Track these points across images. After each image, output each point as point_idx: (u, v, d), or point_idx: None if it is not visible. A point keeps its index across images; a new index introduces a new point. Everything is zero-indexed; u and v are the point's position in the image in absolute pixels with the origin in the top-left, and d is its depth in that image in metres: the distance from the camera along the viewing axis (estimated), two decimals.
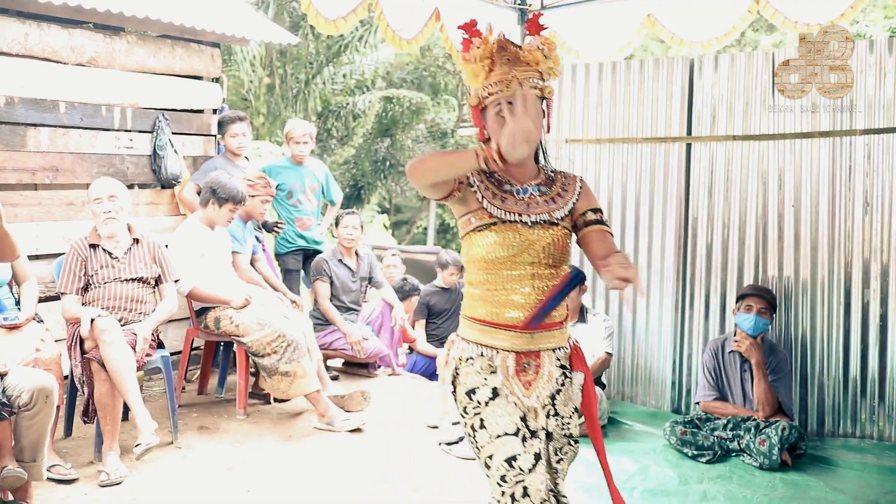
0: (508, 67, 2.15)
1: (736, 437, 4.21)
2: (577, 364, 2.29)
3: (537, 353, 2.24)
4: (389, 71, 17.80)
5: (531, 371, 2.23)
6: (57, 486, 3.62)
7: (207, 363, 5.15)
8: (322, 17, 3.94)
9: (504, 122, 2.12)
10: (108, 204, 4.09)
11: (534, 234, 2.20)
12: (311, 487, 3.75)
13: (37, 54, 4.66)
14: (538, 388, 2.23)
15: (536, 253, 2.19)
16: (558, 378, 2.26)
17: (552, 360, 2.25)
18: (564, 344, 2.29)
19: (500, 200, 2.22)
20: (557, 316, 2.24)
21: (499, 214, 2.20)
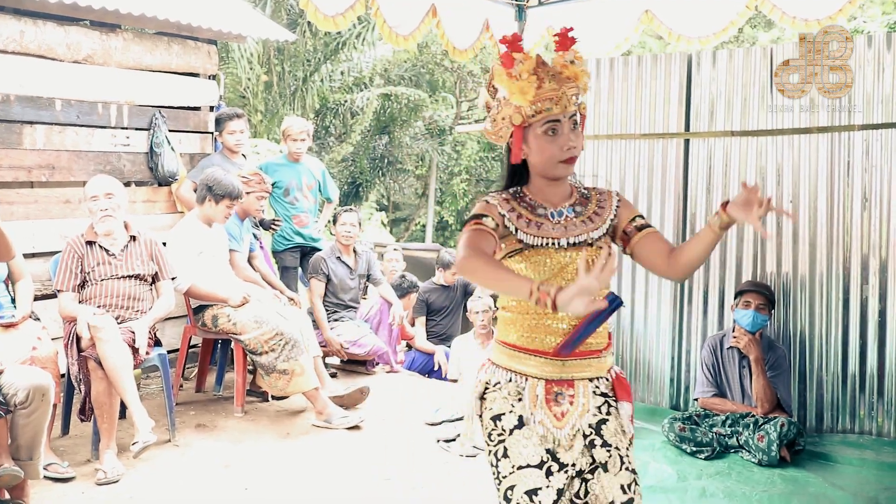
0: (558, 84, 2.05)
1: (734, 434, 4.20)
2: (621, 394, 2.14)
3: (571, 383, 2.12)
4: (387, 68, 17.78)
5: (565, 402, 2.11)
6: (54, 485, 3.62)
7: (205, 361, 5.15)
8: (321, 13, 3.94)
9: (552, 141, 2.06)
10: (104, 201, 4.09)
11: (567, 256, 2.11)
12: (309, 485, 3.75)
13: (32, 52, 4.64)
14: (572, 419, 2.10)
15: (570, 276, 2.09)
16: (601, 407, 2.12)
17: (588, 391, 2.12)
18: (603, 374, 2.15)
19: (536, 227, 2.12)
20: (595, 344, 2.13)
21: (531, 241, 2.10)
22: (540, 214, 2.15)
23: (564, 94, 2.05)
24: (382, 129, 18.00)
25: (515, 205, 2.16)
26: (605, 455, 2.09)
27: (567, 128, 2.07)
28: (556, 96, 2.05)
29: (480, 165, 19.30)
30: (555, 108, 2.06)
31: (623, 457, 2.10)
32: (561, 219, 2.15)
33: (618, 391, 2.14)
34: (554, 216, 2.15)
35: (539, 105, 2.06)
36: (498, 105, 2.11)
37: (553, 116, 2.06)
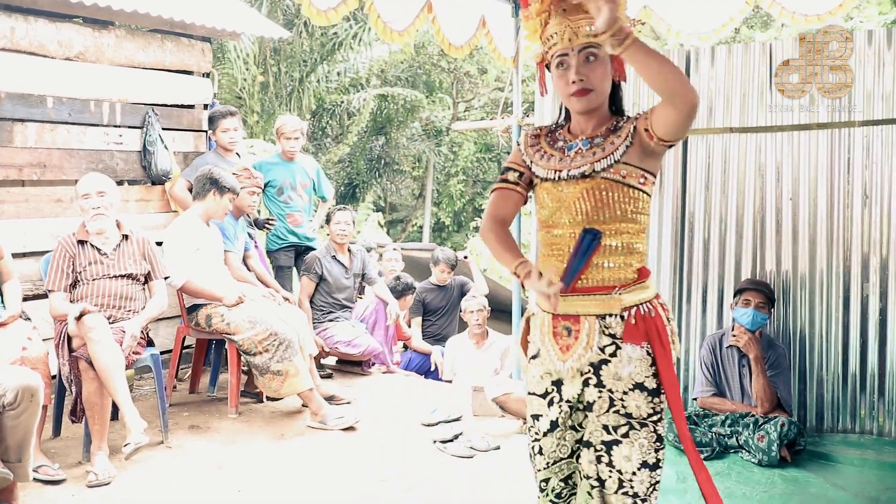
0: (562, 17, 2.04)
1: (734, 434, 4.16)
2: (632, 336, 2.06)
3: (577, 318, 2.11)
4: (384, 69, 17.77)
5: (571, 336, 2.11)
6: (44, 487, 3.57)
7: (199, 362, 5.10)
8: (314, 7, 3.87)
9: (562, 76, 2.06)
10: (96, 200, 4.04)
11: (567, 190, 2.09)
12: (304, 486, 3.70)
13: (23, 48, 4.59)
14: (575, 353, 2.10)
15: (572, 211, 2.08)
16: (605, 347, 2.08)
17: (594, 327, 2.09)
18: (615, 311, 2.08)
19: (546, 159, 2.15)
20: (605, 279, 2.08)
21: (539, 173, 2.15)
22: (557, 148, 2.16)
23: (569, 28, 2.03)
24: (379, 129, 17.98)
25: (543, 139, 2.21)
26: (595, 395, 2.10)
27: (576, 61, 2.04)
28: (560, 31, 2.04)
29: (477, 166, 19.29)
30: (560, 42, 2.05)
31: (616, 399, 2.08)
32: (571, 152, 2.12)
33: (626, 332, 2.07)
34: (568, 150, 2.14)
35: (548, 41, 2.08)
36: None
37: (560, 51, 2.05)
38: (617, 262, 2.08)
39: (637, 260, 2.11)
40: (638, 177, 2.06)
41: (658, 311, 2.10)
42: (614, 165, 2.05)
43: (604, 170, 2.05)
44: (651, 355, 2.07)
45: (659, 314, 2.10)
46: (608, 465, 2.13)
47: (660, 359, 2.07)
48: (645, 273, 2.12)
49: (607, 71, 2.06)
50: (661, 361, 2.07)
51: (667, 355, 2.08)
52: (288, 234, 5.80)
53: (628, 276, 2.09)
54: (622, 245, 2.09)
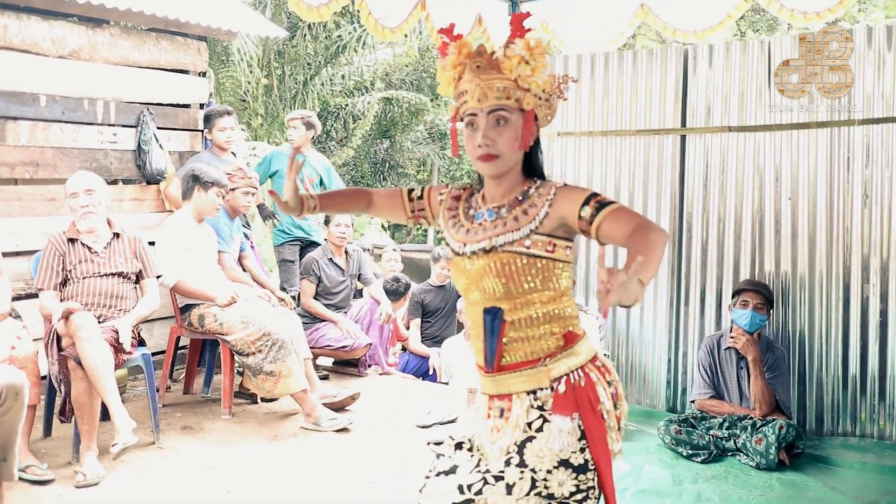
0: (473, 75, 1.91)
1: (732, 437, 4.10)
2: (560, 407, 1.90)
3: (510, 396, 1.96)
4: (388, 72, 17.71)
5: (503, 417, 1.96)
6: (31, 487, 3.53)
7: (193, 362, 5.07)
8: (304, 3, 3.83)
9: (470, 136, 1.92)
10: (85, 198, 4.01)
11: (473, 266, 1.95)
12: (296, 488, 3.66)
13: (16, 46, 4.57)
14: (504, 434, 1.93)
15: (481, 287, 1.95)
16: (532, 423, 1.91)
17: (524, 404, 1.93)
18: (544, 384, 1.92)
19: (457, 230, 2.02)
20: (531, 353, 1.93)
21: (452, 246, 2.02)
22: (469, 216, 2.03)
23: (480, 87, 1.90)
24: (384, 133, 17.94)
25: (462, 203, 2.07)
26: (515, 476, 1.87)
27: (485, 123, 1.90)
28: (471, 88, 1.91)
29: None
30: (470, 100, 1.92)
31: (538, 480, 1.86)
32: (480, 221, 2.00)
33: (555, 404, 1.90)
34: (476, 219, 2.01)
35: (460, 97, 1.95)
36: None
37: (470, 109, 1.92)
38: (537, 333, 1.93)
39: (560, 326, 1.94)
40: (545, 245, 1.90)
41: (591, 376, 1.93)
42: (522, 239, 1.90)
43: (503, 245, 1.91)
44: (581, 429, 1.88)
45: (591, 381, 1.92)
46: None
47: (589, 431, 1.88)
48: (572, 337, 1.95)
49: (518, 135, 1.92)
50: (592, 434, 1.88)
51: (599, 427, 1.89)
52: (293, 228, 5.81)
53: (553, 345, 1.93)
54: (539, 315, 1.93)
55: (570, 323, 1.96)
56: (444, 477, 1.96)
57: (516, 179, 1.98)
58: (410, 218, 2.19)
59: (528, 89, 1.89)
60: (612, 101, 4.95)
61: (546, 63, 1.90)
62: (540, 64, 1.88)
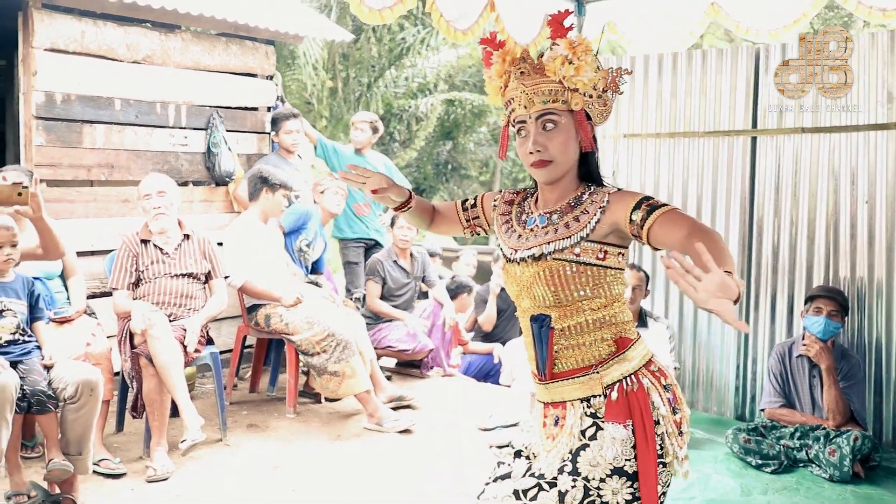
0: (518, 82, 1.89)
1: (804, 447, 3.98)
2: (614, 414, 1.87)
3: (564, 405, 1.94)
4: (451, 74, 17.75)
5: (558, 425, 1.94)
6: (104, 481, 3.63)
7: (259, 361, 5.15)
8: (366, 6, 3.85)
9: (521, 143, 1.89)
10: (157, 199, 4.11)
11: (523, 273, 1.92)
12: (358, 488, 3.69)
13: (93, 52, 4.71)
14: (559, 442, 1.91)
15: (531, 294, 1.92)
16: (586, 431, 1.88)
17: (577, 412, 1.91)
18: (597, 391, 1.89)
19: (509, 235, 2.00)
20: (584, 360, 1.91)
21: (504, 252, 2.00)
22: (522, 221, 2.00)
23: (525, 93, 1.88)
24: (446, 134, 17.99)
25: (516, 208, 2.05)
26: (568, 484, 1.84)
27: (534, 129, 1.88)
28: (517, 95, 1.89)
29: None
30: (517, 108, 1.90)
31: (591, 489, 1.83)
32: (531, 227, 1.97)
33: (608, 411, 1.87)
34: (528, 224, 1.98)
35: (508, 106, 1.93)
36: None
37: (518, 117, 1.90)
38: (588, 340, 1.90)
39: (612, 332, 1.91)
40: (596, 252, 1.87)
41: (643, 382, 1.89)
42: (573, 247, 1.87)
43: (553, 252, 1.88)
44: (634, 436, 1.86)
45: (643, 387, 1.88)
46: None
47: (639, 439, 1.85)
48: (624, 343, 1.91)
49: (570, 138, 1.89)
50: (639, 442, 1.84)
51: (647, 435, 1.85)
52: (355, 222, 5.86)
53: (605, 352, 1.91)
54: (590, 322, 1.90)
55: (623, 328, 1.93)
56: (501, 482, 1.95)
57: (570, 184, 1.95)
58: (467, 228, 2.18)
59: (575, 89, 1.87)
60: (680, 102, 4.87)
61: (592, 60, 1.85)
62: (584, 62, 1.85)
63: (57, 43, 4.54)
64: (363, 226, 5.91)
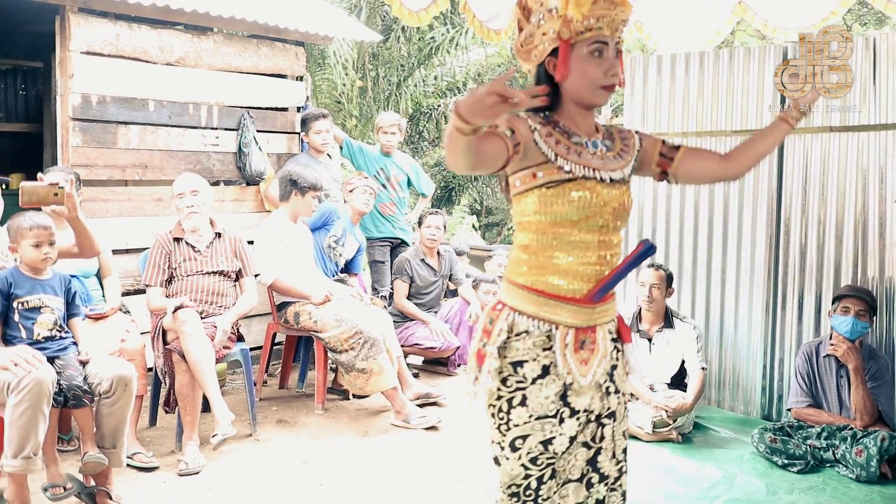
0: (610, 5, 1.93)
1: (830, 447, 3.97)
2: (625, 335, 2.11)
3: (594, 329, 2.01)
4: (480, 72, 17.75)
5: (587, 348, 1.99)
6: (138, 474, 3.72)
7: (289, 358, 5.22)
8: (406, 8, 3.95)
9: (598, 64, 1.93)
10: (190, 198, 4.19)
11: (609, 193, 1.97)
12: (385, 483, 3.74)
13: (127, 54, 4.82)
14: (593, 365, 1.99)
15: (607, 216, 1.97)
16: (612, 352, 2.07)
17: (605, 335, 2.04)
18: (614, 315, 2.10)
19: (576, 154, 1.96)
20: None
21: (576, 170, 1.93)
22: (576, 142, 1.99)
23: (615, 18, 1.95)
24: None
25: (551, 129, 1.98)
26: (616, 402, 2.09)
27: (612, 52, 1.96)
28: (608, 16, 1.94)
29: None
30: (606, 28, 1.94)
31: (625, 403, 2.14)
32: (597, 150, 2.01)
33: (622, 333, 2.11)
34: (589, 146, 2.01)
35: (590, 22, 1.92)
36: (539, 19, 1.97)
37: (602, 37, 1.94)
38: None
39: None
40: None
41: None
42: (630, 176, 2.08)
43: (628, 176, 2.07)
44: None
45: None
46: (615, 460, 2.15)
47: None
48: None
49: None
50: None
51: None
52: (382, 221, 5.92)
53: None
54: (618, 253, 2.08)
55: None
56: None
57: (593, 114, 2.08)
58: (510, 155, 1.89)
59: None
60: (707, 101, 4.85)
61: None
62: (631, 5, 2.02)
63: (93, 46, 4.65)
64: (389, 225, 5.97)
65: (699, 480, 3.80)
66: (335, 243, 5.13)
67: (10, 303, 3.18)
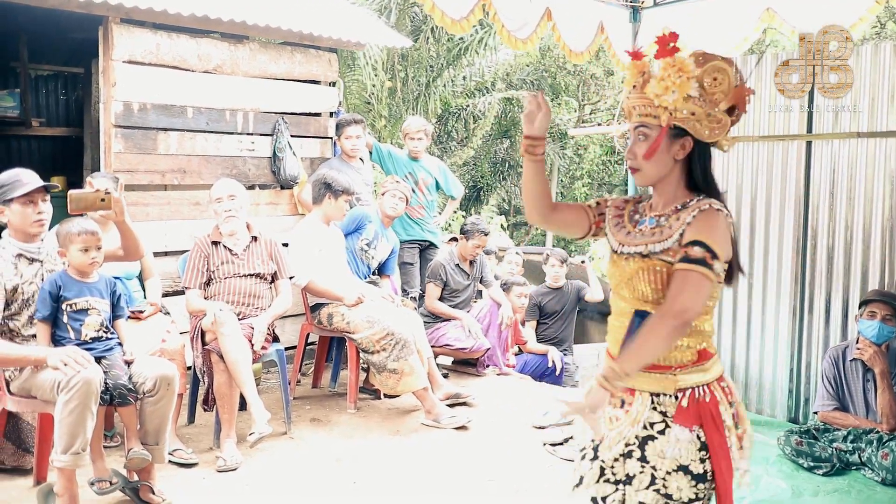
0: (631, 94, 2.06)
1: (857, 450, 4.00)
2: (683, 418, 2.01)
3: (633, 392, 2.08)
4: (509, 73, 17.80)
5: (623, 408, 2.09)
6: (178, 470, 3.83)
7: (321, 358, 5.33)
8: (448, 17, 4.12)
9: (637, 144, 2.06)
10: (228, 203, 4.31)
11: (628, 267, 2.07)
12: (416, 481, 3.82)
13: (167, 63, 4.96)
14: (621, 425, 2.08)
15: (630, 288, 2.08)
16: (654, 424, 2.03)
17: (646, 403, 2.05)
18: (669, 391, 2.03)
19: (619, 230, 2.17)
20: (664, 360, 2.04)
21: (613, 244, 2.16)
22: (633, 220, 2.16)
23: (628, 105, 2.07)
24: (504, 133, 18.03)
25: (628, 208, 2.19)
26: (636, 468, 2.05)
27: (633, 138, 2.07)
28: (626, 106, 2.09)
29: (602, 169, 19.05)
30: (627, 116, 2.09)
31: (658, 477, 2.02)
32: (642, 227, 2.12)
33: (677, 413, 2.02)
34: (640, 224, 2.14)
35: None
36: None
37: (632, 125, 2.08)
38: (687, 344, 2.04)
39: (696, 341, 2.05)
40: None
41: (715, 394, 2.05)
42: (668, 250, 2.01)
43: (659, 252, 2.03)
44: (701, 440, 2.01)
45: (715, 398, 2.04)
46: None
47: (712, 444, 2.00)
48: (706, 355, 2.07)
49: (656, 149, 2.03)
50: (714, 446, 2.00)
51: (721, 441, 2.01)
52: (411, 225, 6.00)
53: (686, 358, 2.04)
54: None
55: (706, 340, 2.07)
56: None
57: (676, 191, 2.10)
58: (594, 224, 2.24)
59: (664, 107, 1.99)
60: None
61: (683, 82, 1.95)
62: (672, 83, 1.96)
63: (134, 55, 4.79)
64: (418, 228, 6.04)
65: None
66: (367, 246, 5.23)
67: (59, 305, 3.30)
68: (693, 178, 2.08)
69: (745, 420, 2.09)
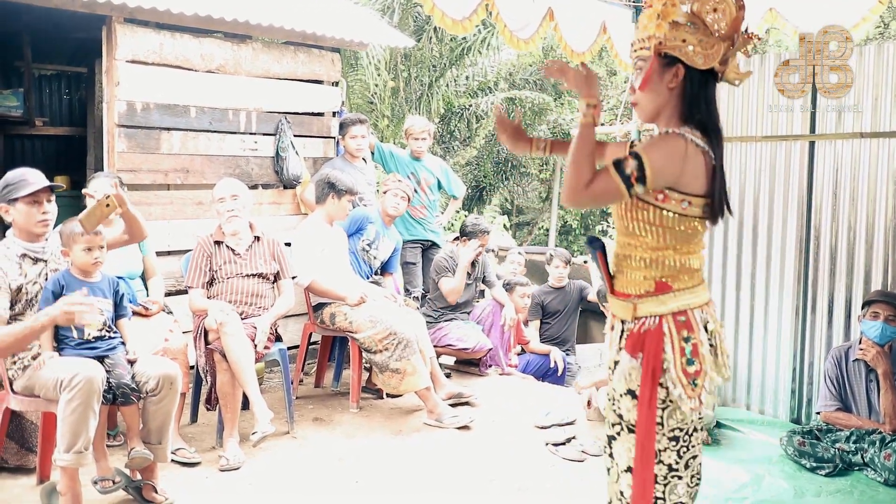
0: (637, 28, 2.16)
1: (859, 451, 3.99)
2: (629, 346, 2.14)
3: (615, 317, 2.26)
4: (512, 72, 17.80)
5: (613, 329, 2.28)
6: (181, 469, 3.84)
7: (324, 357, 5.34)
8: (449, 17, 4.10)
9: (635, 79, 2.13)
10: (231, 203, 4.32)
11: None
12: (418, 481, 3.83)
13: (170, 62, 4.97)
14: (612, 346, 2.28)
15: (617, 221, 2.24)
16: (620, 350, 2.20)
17: (618, 329, 2.22)
18: (628, 318, 2.15)
19: None
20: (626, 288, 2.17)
21: None
22: None
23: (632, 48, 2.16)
24: None
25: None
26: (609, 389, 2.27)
27: (634, 74, 2.15)
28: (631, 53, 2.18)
29: None
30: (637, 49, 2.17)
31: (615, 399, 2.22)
32: None
33: (627, 339, 2.15)
34: None
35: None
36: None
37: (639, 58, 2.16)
38: (635, 274, 2.15)
39: (655, 274, 2.12)
40: (656, 194, 2.06)
41: (663, 326, 2.10)
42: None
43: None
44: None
45: (661, 329, 2.09)
46: (610, 455, 2.30)
47: (644, 375, 2.09)
48: (664, 287, 2.12)
49: (649, 77, 2.07)
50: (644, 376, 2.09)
51: (650, 372, 2.08)
52: (413, 225, 6.02)
53: (644, 288, 2.14)
54: (640, 258, 2.13)
55: (668, 275, 2.12)
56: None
57: (670, 124, 2.12)
58: None
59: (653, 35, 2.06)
60: (736, 106, 4.89)
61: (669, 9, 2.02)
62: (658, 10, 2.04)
63: (138, 55, 4.80)
64: (420, 228, 6.05)
65: (727, 482, 3.85)
66: (368, 247, 5.24)
67: None
68: (691, 111, 2.09)
69: (705, 361, 2.10)
